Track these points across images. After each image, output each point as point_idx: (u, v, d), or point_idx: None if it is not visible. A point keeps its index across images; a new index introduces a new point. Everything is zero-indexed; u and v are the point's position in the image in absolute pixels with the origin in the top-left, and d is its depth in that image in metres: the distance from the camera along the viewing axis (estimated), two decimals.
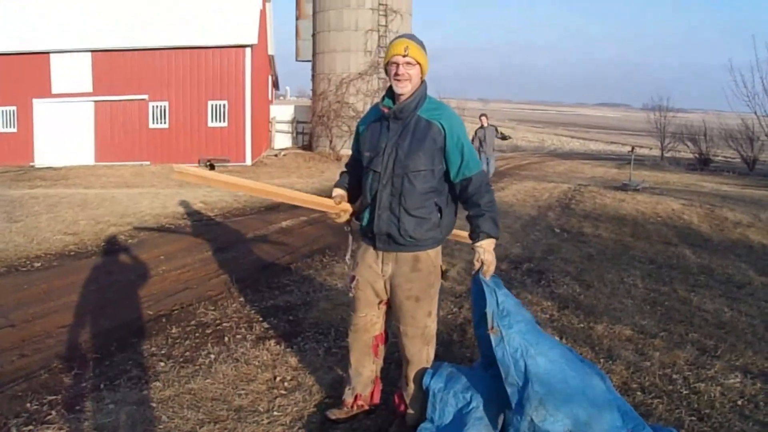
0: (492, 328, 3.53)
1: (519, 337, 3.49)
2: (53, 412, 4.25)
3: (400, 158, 3.70)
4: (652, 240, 11.34)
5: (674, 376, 5.02)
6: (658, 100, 45.90)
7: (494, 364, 3.55)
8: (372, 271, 3.94)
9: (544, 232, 11.55)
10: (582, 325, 6.24)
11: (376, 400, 4.27)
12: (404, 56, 3.65)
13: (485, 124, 18.82)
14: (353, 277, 4.04)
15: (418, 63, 3.70)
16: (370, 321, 4.05)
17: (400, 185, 3.71)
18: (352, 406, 4.18)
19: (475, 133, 18.81)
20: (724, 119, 40.00)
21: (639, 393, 4.68)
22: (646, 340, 5.84)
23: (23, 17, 27.57)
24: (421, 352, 3.95)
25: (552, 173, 27.94)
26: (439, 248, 3.94)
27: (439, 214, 3.78)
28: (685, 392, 4.76)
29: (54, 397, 4.49)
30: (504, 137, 19.68)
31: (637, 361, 5.29)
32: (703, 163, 39.69)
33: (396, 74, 3.68)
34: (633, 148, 24.84)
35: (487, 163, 18.68)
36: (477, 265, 3.69)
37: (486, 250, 3.66)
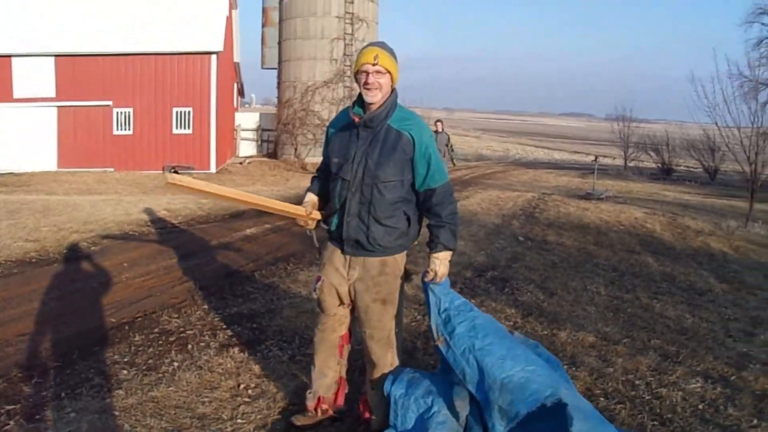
0: (438, 338, 3.63)
1: (464, 337, 3.55)
2: (11, 422, 4.18)
3: (369, 168, 3.69)
4: (615, 248, 11.47)
5: (637, 382, 5.09)
6: (622, 111, 46.45)
7: (452, 369, 3.59)
8: (338, 275, 3.94)
9: (508, 241, 11.62)
10: (546, 332, 6.29)
11: (340, 402, 4.26)
12: (374, 65, 3.62)
13: (440, 130, 18.93)
14: (319, 278, 4.03)
15: (389, 72, 3.68)
16: (338, 320, 4.07)
17: (370, 194, 3.71)
18: (315, 410, 4.17)
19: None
20: (686, 130, 40.67)
21: (602, 398, 4.74)
22: (609, 347, 5.92)
23: None
24: (386, 356, 3.95)
25: (516, 182, 28.11)
26: (405, 252, 3.97)
27: (407, 223, 3.81)
28: (647, 397, 4.82)
29: (13, 406, 4.40)
30: (452, 149, 19.83)
31: (600, 367, 5.35)
32: (665, 173, 40.25)
33: (366, 83, 3.65)
34: (596, 158, 25.17)
35: None
36: (430, 275, 3.75)
37: (441, 261, 3.70)
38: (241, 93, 42.07)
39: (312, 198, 4.17)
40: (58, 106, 26.77)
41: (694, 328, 6.79)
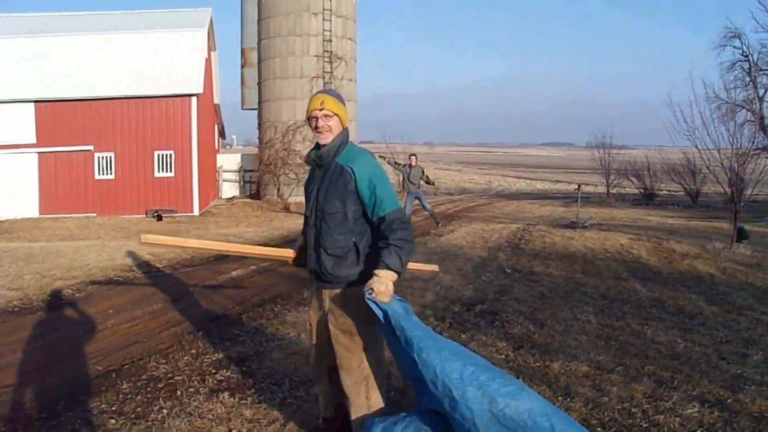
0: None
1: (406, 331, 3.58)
2: None
3: (320, 202, 4.02)
4: (602, 276, 11.47)
5: (633, 410, 5.03)
6: (602, 138, 46.83)
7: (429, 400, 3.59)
8: (316, 305, 4.20)
9: (495, 273, 11.59)
10: (538, 364, 6.22)
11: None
12: (321, 110, 3.97)
13: (413, 164, 19.27)
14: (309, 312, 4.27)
15: (336, 114, 4.00)
16: (324, 351, 4.16)
17: (320, 227, 4.02)
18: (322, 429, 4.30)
19: (402, 167, 19.53)
20: (666, 154, 41.02)
21: (599, 429, 4.67)
22: (603, 376, 5.85)
23: None
24: (359, 393, 3.99)
25: (500, 214, 28.19)
26: None
27: (356, 254, 3.98)
28: (644, 425, 4.76)
29: None
30: (428, 181, 20.01)
31: (595, 397, 5.29)
32: (648, 198, 40.53)
33: (316, 127, 4.00)
34: (579, 186, 25.23)
35: (419, 199, 19.24)
36: (366, 288, 3.75)
37: (380, 279, 3.73)
38: (222, 134, 42.12)
39: (300, 241, 4.47)
40: (38, 152, 26.62)
41: (686, 352, 6.75)
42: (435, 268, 5.03)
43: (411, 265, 4.59)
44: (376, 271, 3.77)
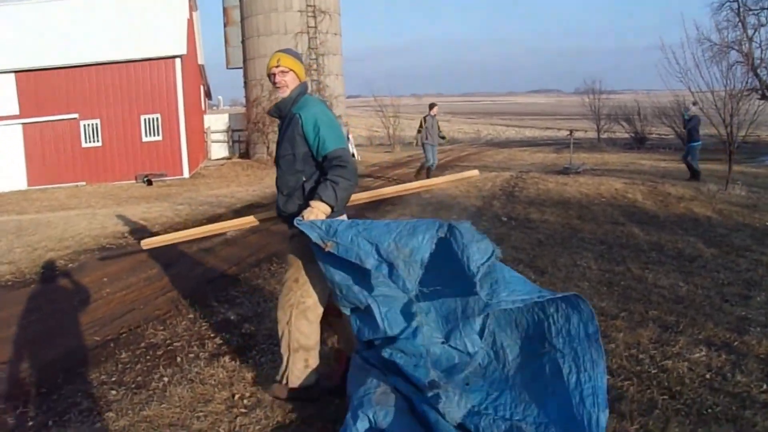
0: (326, 244, 3.86)
1: (347, 230, 3.85)
2: None
3: (278, 148, 4.49)
4: (599, 221, 11.39)
5: (641, 356, 4.97)
6: (591, 84, 46.48)
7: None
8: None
9: (491, 222, 11.49)
10: None
11: (336, 379, 4.57)
12: (277, 66, 4.38)
13: (434, 113, 18.83)
14: None
15: (291, 69, 4.42)
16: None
17: (278, 170, 4.48)
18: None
19: (424, 120, 18.78)
20: (656, 97, 40.71)
21: (608, 377, 4.58)
22: (608, 322, 5.78)
23: None
24: (285, 313, 4.45)
25: (492, 162, 28.07)
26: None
27: (302, 192, 4.33)
28: (653, 371, 4.70)
29: None
30: (442, 136, 19.59)
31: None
32: (639, 142, 40.37)
33: (274, 83, 4.43)
34: (571, 132, 25.06)
35: (432, 153, 18.75)
36: (302, 216, 4.06)
37: (311, 209, 4.05)
38: (208, 95, 41.71)
39: None
40: (23, 123, 26.30)
41: (689, 296, 6.69)
42: (474, 173, 5.07)
43: (449, 178, 5.29)
44: (311, 202, 4.10)
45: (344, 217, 4.39)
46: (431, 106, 19.11)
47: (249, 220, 5.07)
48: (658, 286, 7.07)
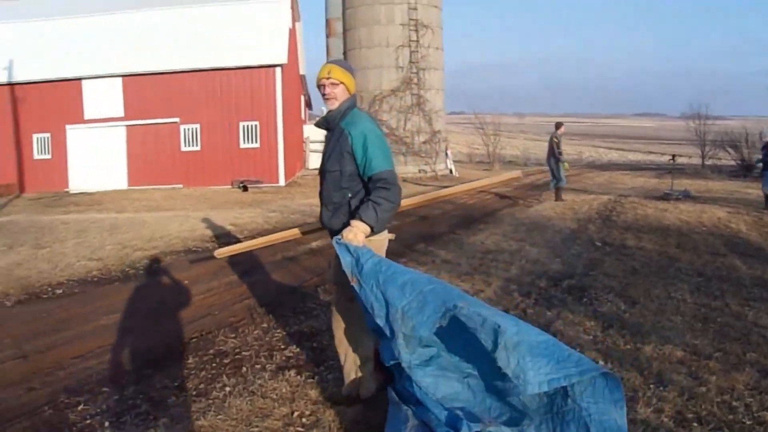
0: (353, 279, 3.90)
1: (371, 272, 3.80)
2: None
3: (324, 162, 4.50)
4: (698, 251, 10.78)
5: (734, 404, 4.50)
6: (697, 108, 44.94)
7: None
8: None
9: (584, 246, 11.05)
10: (629, 347, 5.73)
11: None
12: (328, 78, 4.33)
13: (561, 132, 19.08)
14: None
15: (342, 82, 4.36)
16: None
17: (324, 185, 4.51)
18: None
19: (558, 139, 18.87)
20: (765, 124, 39.06)
21: (696, 424, 4.18)
22: (700, 362, 5.31)
23: (55, 45, 27.58)
24: (340, 336, 4.54)
25: (591, 185, 27.35)
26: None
27: (348, 209, 4.34)
28: (748, 422, 4.23)
29: None
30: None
31: (691, 386, 4.78)
32: (745, 170, 38.71)
33: (323, 94, 4.39)
34: (674, 157, 24.17)
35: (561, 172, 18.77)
36: (342, 236, 4.07)
37: (351, 228, 4.06)
38: (308, 105, 42.13)
39: None
40: (126, 125, 27.15)
41: None
42: (517, 173, 5.48)
43: (495, 179, 5.65)
44: (351, 221, 4.11)
45: (385, 233, 4.45)
46: (558, 125, 18.93)
47: (293, 233, 5.45)
48: (759, 325, 6.51)
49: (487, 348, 3.09)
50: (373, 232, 4.14)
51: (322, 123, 4.53)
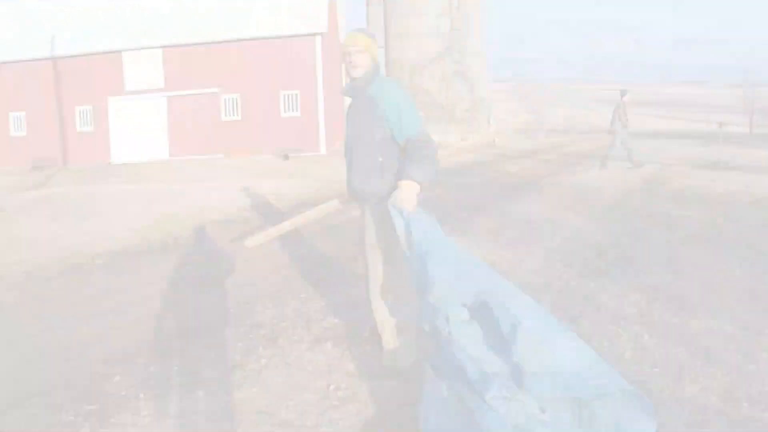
0: (404, 244, 3.91)
1: (418, 240, 3.79)
2: (86, 425, 3.92)
3: (353, 127, 4.60)
4: (748, 222, 10.47)
5: None
6: (745, 75, 43.92)
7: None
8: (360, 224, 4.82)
9: (629, 217, 10.82)
10: (675, 320, 5.54)
11: None
12: (354, 46, 4.38)
13: (626, 100, 18.89)
14: None
15: (367, 50, 4.42)
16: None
17: (353, 149, 4.58)
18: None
19: (624, 108, 18.74)
20: None
21: (745, 404, 3.99)
22: (751, 338, 5.09)
23: (94, 18, 27.79)
24: (372, 301, 4.67)
25: (637, 153, 26.84)
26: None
27: (380, 171, 4.41)
28: None
29: (91, 407, 4.15)
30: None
31: (741, 363, 4.58)
32: None
33: (350, 62, 4.43)
34: (721, 125, 23.64)
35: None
36: (392, 199, 4.12)
37: (403, 188, 4.09)
38: None
39: None
40: (167, 96, 27.30)
41: None
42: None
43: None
44: (400, 182, 4.14)
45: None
46: (624, 92, 18.86)
47: (330, 207, 5.49)
48: None
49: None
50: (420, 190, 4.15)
51: (349, 90, 4.59)
